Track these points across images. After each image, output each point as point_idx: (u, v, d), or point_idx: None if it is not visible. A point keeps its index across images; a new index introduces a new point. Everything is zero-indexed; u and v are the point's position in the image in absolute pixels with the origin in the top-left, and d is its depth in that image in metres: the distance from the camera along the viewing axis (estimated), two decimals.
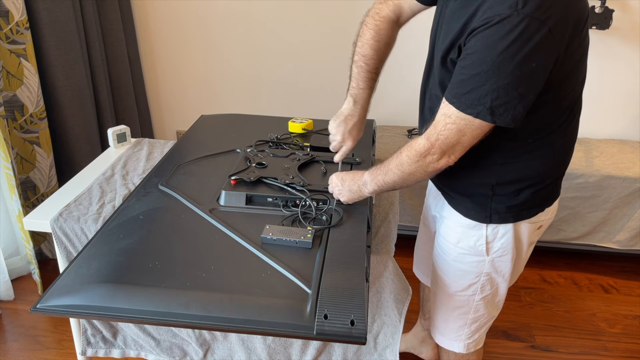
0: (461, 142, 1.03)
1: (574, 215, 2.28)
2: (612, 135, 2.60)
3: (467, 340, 1.38)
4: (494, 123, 0.98)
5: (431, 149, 1.05)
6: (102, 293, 1.00)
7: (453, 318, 1.36)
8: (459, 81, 0.99)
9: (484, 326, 1.38)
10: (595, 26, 2.14)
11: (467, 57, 0.97)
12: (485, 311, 1.33)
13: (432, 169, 1.08)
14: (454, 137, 1.02)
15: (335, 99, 2.73)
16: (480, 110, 0.97)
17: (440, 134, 1.03)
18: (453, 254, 1.27)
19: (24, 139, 2.19)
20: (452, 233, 1.27)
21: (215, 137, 1.68)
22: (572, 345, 2.02)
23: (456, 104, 0.99)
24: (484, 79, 0.95)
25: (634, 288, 2.35)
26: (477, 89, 0.96)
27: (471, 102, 0.97)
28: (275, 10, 2.56)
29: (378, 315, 1.37)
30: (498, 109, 0.96)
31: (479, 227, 1.21)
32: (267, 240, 1.13)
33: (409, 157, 1.09)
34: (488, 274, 1.26)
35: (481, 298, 1.30)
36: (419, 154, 1.07)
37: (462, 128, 1.00)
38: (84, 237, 1.39)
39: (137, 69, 2.70)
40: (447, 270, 1.30)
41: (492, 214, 1.19)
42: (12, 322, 2.07)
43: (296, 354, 1.45)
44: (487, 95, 0.95)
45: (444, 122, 1.02)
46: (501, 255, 1.23)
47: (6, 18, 2.00)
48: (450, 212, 1.27)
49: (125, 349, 1.56)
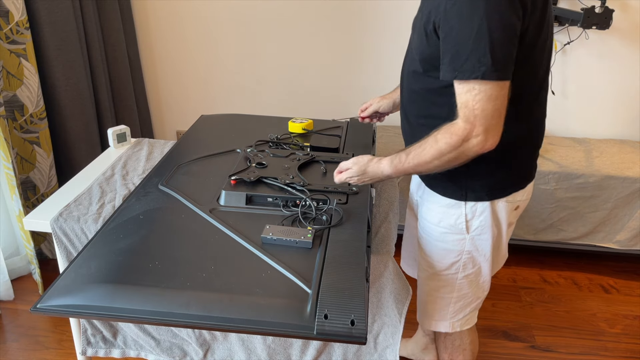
0: (498, 109, 1.03)
1: (574, 215, 2.28)
2: (612, 135, 2.60)
3: (452, 319, 1.42)
4: (500, 78, 1.01)
5: (473, 129, 1.04)
6: (102, 293, 1.00)
7: (437, 298, 1.39)
8: (454, 53, 1.02)
9: (470, 305, 1.41)
10: (595, 26, 2.14)
11: (450, 24, 1.02)
12: (469, 290, 1.37)
13: (476, 152, 1.07)
14: (489, 106, 1.02)
15: (335, 99, 2.73)
16: (484, 70, 1.00)
17: (474, 109, 1.02)
18: (435, 233, 1.32)
19: (24, 139, 2.19)
20: (433, 214, 1.31)
21: (215, 137, 1.68)
22: (572, 346, 2.02)
23: (466, 75, 1.01)
24: (475, 40, 0.99)
25: (634, 288, 2.35)
26: (473, 51, 1.00)
27: (473, 67, 1.00)
28: (275, 10, 2.56)
29: (378, 315, 1.37)
30: (498, 63, 1.00)
31: (458, 206, 1.26)
32: (267, 240, 1.13)
33: (449, 144, 1.06)
34: (469, 252, 1.30)
35: (464, 276, 1.34)
36: (461, 138, 1.05)
37: (490, 93, 1.01)
38: (84, 237, 1.39)
39: (137, 69, 2.70)
40: (431, 251, 1.35)
41: (468, 192, 1.23)
42: (12, 322, 2.07)
43: (296, 354, 1.45)
44: (485, 54, 0.99)
45: (472, 97, 1.02)
46: (480, 233, 1.28)
47: (6, 18, 2.00)
48: (430, 194, 1.31)
49: (125, 348, 1.56)
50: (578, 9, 2.21)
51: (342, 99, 2.71)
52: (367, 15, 2.51)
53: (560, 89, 2.53)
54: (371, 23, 2.53)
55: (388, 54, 2.58)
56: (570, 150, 2.40)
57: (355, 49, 2.60)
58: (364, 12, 2.51)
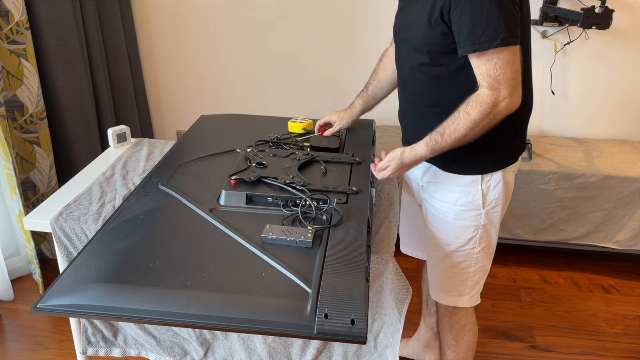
0: (517, 71, 1.13)
1: (574, 215, 2.28)
2: (612, 135, 2.60)
3: (469, 293, 1.48)
4: (516, 43, 1.11)
5: (499, 94, 1.13)
6: (102, 293, 1.00)
7: (456, 274, 1.45)
8: (471, 28, 1.11)
9: (481, 279, 1.48)
10: (595, 26, 2.14)
11: (462, 4, 1.10)
12: (484, 262, 1.45)
13: (504, 113, 1.16)
14: (509, 70, 1.12)
15: (335, 98, 2.73)
16: (502, 37, 1.09)
17: (497, 76, 1.13)
18: (452, 212, 1.38)
19: (24, 139, 2.19)
20: (449, 194, 1.38)
21: (215, 137, 1.68)
22: (572, 346, 2.02)
23: (485, 45, 1.10)
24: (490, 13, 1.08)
25: (634, 288, 2.36)
26: (489, 22, 1.09)
27: (491, 36, 1.09)
28: (276, 10, 2.56)
29: (378, 314, 1.37)
30: (512, 30, 1.10)
31: (475, 184, 1.34)
32: (267, 240, 1.13)
33: (482, 112, 1.15)
34: (484, 226, 1.39)
35: (480, 249, 1.42)
36: (491, 104, 1.14)
37: (507, 59, 1.12)
38: (84, 237, 1.39)
39: (137, 69, 2.70)
40: (447, 230, 1.41)
41: (488, 164, 1.33)
42: (12, 322, 2.07)
43: (296, 354, 1.45)
44: (500, 23, 1.09)
45: (492, 66, 1.12)
46: (494, 206, 1.38)
47: (6, 18, 2.01)
48: (445, 176, 1.37)
49: (126, 348, 1.56)
50: (578, 9, 2.21)
51: (342, 99, 2.71)
52: (367, 16, 2.52)
53: (560, 89, 2.53)
54: (371, 23, 2.53)
55: None
56: (570, 150, 2.40)
57: (356, 49, 2.60)
58: (364, 12, 2.51)
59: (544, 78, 2.50)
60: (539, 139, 2.54)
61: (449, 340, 1.56)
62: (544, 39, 2.42)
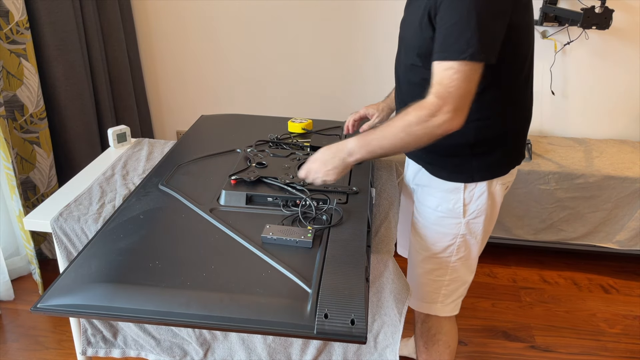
0: (470, 92, 1.06)
1: (574, 215, 2.28)
2: (612, 135, 2.60)
3: (442, 302, 1.45)
4: (486, 61, 1.05)
5: (443, 106, 1.05)
6: (102, 293, 1.00)
7: (431, 281, 1.43)
8: (444, 37, 1.06)
9: (459, 290, 1.44)
10: (595, 26, 2.14)
11: (443, 12, 1.06)
12: (461, 273, 1.41)
13: (443, 130, 1.07)
14: (464, 86, 1.04)
15: (335, 99, 2.73)
16: (471, 52, 1.03)
17: (449, 86, 1.04)
18: (432, 217, 1.36)
19: (24, 139, 2.19)
20: (432, 199, 1.35)
21: (215, 137, 1.68)
22: (572, 346, 2.02)
23: (453, 55, 1.04)
24: (465, 24, 1.03)
25: (634, 288, 2.36)
26: (462, 34, 1.03)
27: (461, 48, 1.03)
28: (276, 10, 2.56)
29: (378, 314, 1.37)
30: (485, 46, 1.04)
31: (458, 191, 1.30)
32: (267, 240, 1.13)
33: (419, 117, 1.07)
34: (463, 236, 1.35)
35: (457, 259, 1.38)
36: (430, 112, 1.06)
37: (468, 74, 1.04)
38: (84, 237, 1.39)
39: (137, 69, 2.70)
40: (426, 234, 1.39)
41: (474, 173, 1.28)
42: (12, 322, 2.07)
43: (296, 354, 1.45)
44: (472, 36, 1.02)
45: (449, 76, 1.05)
46: (476, 217, 1.33)
47: (6, 18, 2.00)
48: (430, 180, 1.35)
49: (126, 348, 1.56)
50: (578, 9, 2.21)
51: (342, 99, 2.71)
52: (367, 16, 2.52)
53: (560, 89, 2.53)
54: (371, 24, 2.53)
55: (388, 55, 2.58)
56: (570, 151, 2.40)
57: (355, 50, 2.60)
58: (364, 12, 2.51)
59: (544, 78, 2.50)
60: (539, 139, 2.54)
61: (420, 346, 1.56)
62: (544, 39, 2.42)
